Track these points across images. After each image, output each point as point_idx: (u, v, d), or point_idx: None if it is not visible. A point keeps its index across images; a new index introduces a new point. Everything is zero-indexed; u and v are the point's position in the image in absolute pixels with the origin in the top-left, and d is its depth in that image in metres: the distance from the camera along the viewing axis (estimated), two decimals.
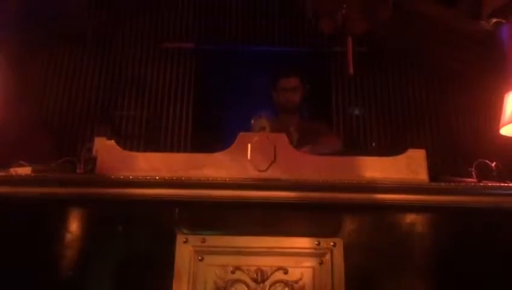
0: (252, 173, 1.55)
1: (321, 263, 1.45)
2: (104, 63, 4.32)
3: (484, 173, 1.60)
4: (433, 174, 1.56)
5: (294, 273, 1.44)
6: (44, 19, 3.87)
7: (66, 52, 4.30)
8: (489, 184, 1.55)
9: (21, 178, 1.54)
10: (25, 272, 1.44)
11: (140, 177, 1.51)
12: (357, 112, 4.26)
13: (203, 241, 1.47)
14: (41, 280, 1.44)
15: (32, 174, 1.56)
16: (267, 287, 1.43)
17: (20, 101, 3.17)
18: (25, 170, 1.58)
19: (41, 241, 1.48)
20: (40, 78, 4.20)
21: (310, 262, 1.46)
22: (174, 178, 1.51)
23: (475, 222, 1.51)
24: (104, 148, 1.59)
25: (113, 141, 1.60)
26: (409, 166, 1.58)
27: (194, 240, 1.47)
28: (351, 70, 2.79)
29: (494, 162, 1.62)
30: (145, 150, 3.56)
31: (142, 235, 1.50)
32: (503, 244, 1.49)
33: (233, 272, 1.44)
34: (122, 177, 1.52)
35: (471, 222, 1.51)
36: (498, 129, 2.21)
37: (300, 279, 1.44)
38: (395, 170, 1.57)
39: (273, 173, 1.55)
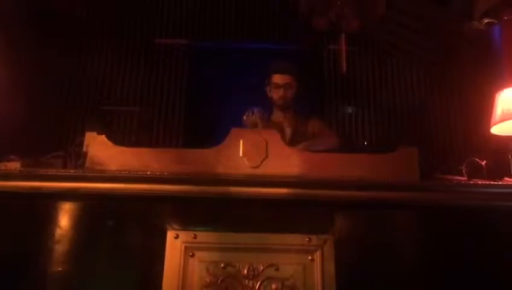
0: (244, 169, 1.55)
1: (312, 260, 1.45)
2: (96, 57, 4.29)
3: (474, 172, 1.62)
4: (424, 169, 1.57)
5: (285, 270, 1.44)
6: (33, 16, 3.84)
7: (56, 46, 4.26)
8: (480, 182, 1.56)
9: (11, 173, 1.52)
10: (15, 266, 1.43)
11: (131, 173, 1.50)
12: (349, 110, 4.27)
13: (195, 237, 1.47)
14: (31, 274, 1.43)
15: (22, 169, 1.54)
16: (258, 284, 1.43)
17: (10, 96, 3.14)
18: (14, 165, 1.57)
19: (31, 236, 1.47)
20: (31, 72, 4.16)
21: (300, 259, 1.46)
22: (166, 174, 1.51)
23: (465, 219, 1.52)
24: (95, 143, 1.58)
25: (104, 136, 1.59)
26: (400, 164, 1.59)
27: (185, 236, 1.46)
28: (344, 68, 2.80)
29: (485, 161, 1.63)
30: (136, 146, 3.55)
31: (133, 230, 1.49)
32: (493, 242, 1.50)
33: (224, 268, 1.44)
34: (112, 172, 1.51)
35: (461, 220, 1.52)
36: (488, 128, 2.22)
37: (291, 276, 1.44)
38: (386, 167, 1.58)
39: (265, 169, 1.55)
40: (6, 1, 3.42)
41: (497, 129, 2.19)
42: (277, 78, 2.68)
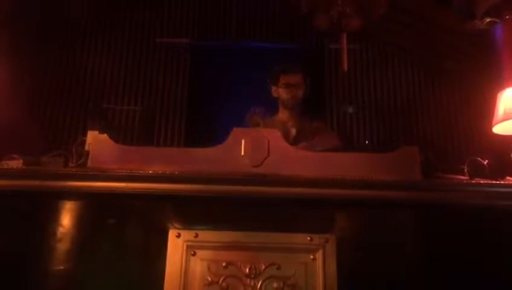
0: (245, 168, 1.54)
1: (313, 259, 1.45)
2: (97, 57, 4.29)
3: (476, 171, 1.61)
4: (425, 168, 1.56)
5: (286, 269, 1.44)
6: (33, 15, 3.84)
7: (57, 46, 4.26)
8: (481, 182, 1.56)
9: (12, 171, 1.52)
10: (17, 265, 1.43)
11: (132, 172, 1.50)
12: (350, 109, 4.27)
13: (196, 236, 1.46)
14: (33, 273, 1.44)
15: (24, 168, 1.55)
16: (260, 283, 1.43)
17: (12, 95, 3.14)
18: (16, 163, 1.57)
19: (32, 235, 1.47)
20: (32, 71, 4.17)
21: (302, 258, 1.46)
22: (168, 173, 1.51)
23: (467, 219, 1.52)
24: (97, 142, 1.58)
25: (106, 134, 1.59)
26: (401, 163, 1.59)
27: (187, 234, 1.46)
28: (345, 67, 2.80)
29: (486, 160, 1.63)
30: (138, 144, 3.55)
31: (134, 229, 1.49)
32: (495, 242, 1.50)
33: (226, 267, 1.44)
34: (114, 171, 1.51)
35: (463, 219, 1.52)
36: (490, 127, 2.22)
37: (293, 275, 1.44)
38: (387, 167, 1.58)
39: (266, 169, 1.54)
40: (7, 1, 3.42)
41: (499, 128, 2.19)
42: (288, 78, 2.70)
